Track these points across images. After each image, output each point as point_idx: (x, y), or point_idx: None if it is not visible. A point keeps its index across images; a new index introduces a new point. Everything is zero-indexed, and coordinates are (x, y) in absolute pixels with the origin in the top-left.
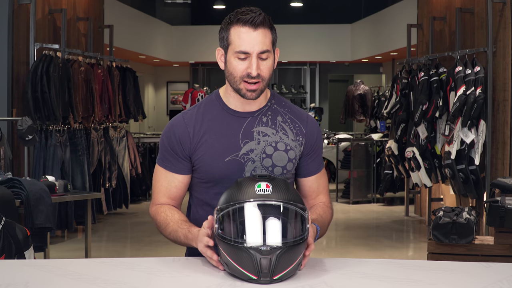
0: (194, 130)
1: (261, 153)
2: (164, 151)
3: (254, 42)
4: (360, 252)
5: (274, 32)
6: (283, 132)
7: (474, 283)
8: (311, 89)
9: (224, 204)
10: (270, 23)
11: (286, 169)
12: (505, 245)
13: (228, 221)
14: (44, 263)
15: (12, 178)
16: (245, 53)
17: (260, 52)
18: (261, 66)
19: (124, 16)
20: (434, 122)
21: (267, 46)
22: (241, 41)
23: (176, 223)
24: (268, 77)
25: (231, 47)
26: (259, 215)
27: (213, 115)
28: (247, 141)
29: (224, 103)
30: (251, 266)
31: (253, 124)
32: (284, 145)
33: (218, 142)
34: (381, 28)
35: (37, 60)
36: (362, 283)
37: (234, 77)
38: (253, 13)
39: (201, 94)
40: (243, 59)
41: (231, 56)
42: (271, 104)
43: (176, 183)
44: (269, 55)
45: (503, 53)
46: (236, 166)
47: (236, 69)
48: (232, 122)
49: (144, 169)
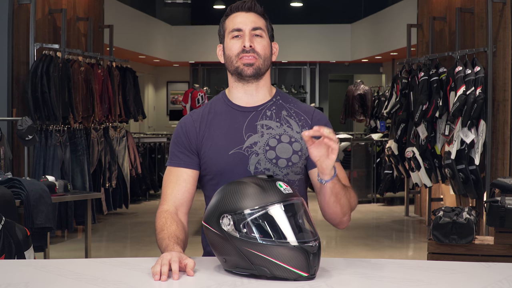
0: (200, 125)
1: (264, 145)
2: (173, 149)
3: (246, 20)
4: (360, 252)
5: (268, 22)
6: (287, 125)
7: (474, 283)
8: (311, 89)
9: (254, 207)
10: (263, 11)
11: (291, 161)
12: (505, 245)
13: (265, 223)
14: (44, 263)
15: (12, 178)
16: (238, 30)
17: (253, 29)
18: (254, 42)
19: (124, 16)
20: (434, 122)
21: (260, 25)
22: (234, 22)
23: (168, 234)
24: (263, 55)
25: (227, 32)
26: (293, 213)
27: (218, 111)
28: (250, 134)
29: (229, 99)
30: (303, 263)
31: (257, 118)
32: (288, 137)
33: (223, 135)
34: (381, 28)
35: (37, 60)
36: (362, 283)
37: (231, 58)
38: (244, 1)
39: (201, 94)
40: (237, 37)
41: (227, 40)
42: (276, 99)
43: (185, 176)
44: (263, 34)
45: (503, 53)
46: (240, 159)
47: (232, 49)
48: (236, 116)
49: (144, 169)
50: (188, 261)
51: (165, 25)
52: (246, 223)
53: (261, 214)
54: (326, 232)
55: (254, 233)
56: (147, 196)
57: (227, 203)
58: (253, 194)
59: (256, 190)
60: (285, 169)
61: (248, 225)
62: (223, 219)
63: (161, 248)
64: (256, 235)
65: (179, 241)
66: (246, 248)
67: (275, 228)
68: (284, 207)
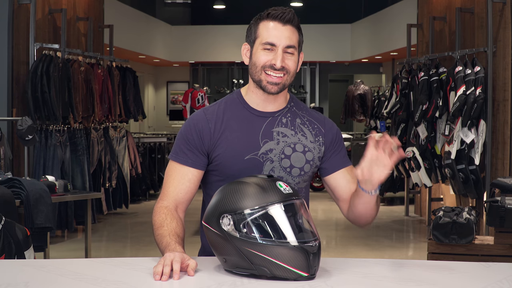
0: (215, 126)
1: (280, 153)
2: (181, 145)
3: (282, 36)
4: (360, 252)
5: (301, 34)
6: (301, 133)
7: (474, 283)
8: (311, 89)
9: (255, 207)
10: (299, 24)
11: (304, 170)
12: (505, 245)
13: (265, 223)
14: (44, 263)
15: (12, 178)
16: (271, 44)
17: (287, 46)
18: (286, 59)
19: (124, 16)
20: (434, 122)
21: (294, 42)
22: (269, 34)
23: (168, 230)
24: (293, 71)
25: (259, 40)
26: (293, 213)
27: (234, 113)
28: (266, 140)
29: (246, 102)
30: (303, 263)
31: (273, 124)
32: (302, 146)
33: (239, 140)
34: (381, 28)
35: (37, 60)
36: (362, 283)
37: (256, 67)
38: (283, 10)
39: (201, 94)
40: (269, 49)
41: (257, 48)
42: (291, 106)
43: (190, 176)
44: (295, 52)
45: (503, 53)
46: (255, 165)
47: (260, 59)
48: (252, 121)
49: (144, 169)
50: (191, 261)
51: (165, 25)
52: (246, 223)
53: (261, 214)
54: (326, 232)
55: (254, 233)
56: (147, 196)
57: (227, 203)
58: (253, 194)
59: (256, 190)
60: (297, 177)
61: (248, 225)
62: (223, 219)
63: (161, 244)
64: (256, 235)
65: (179, 240)
66: (246, 248)
67: (275, 228)
68: (284, 207)
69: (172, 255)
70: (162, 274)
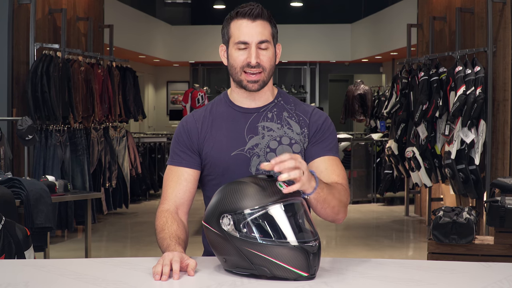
0: (202, 126)
1: (265, 147)
2: (174, 148)
3: (253, 32)
4: (360, 252)
5: (274, 26)
6: (287, 126)
7: (474, 283)
8: (311, 89)
9: (255, 207)
10: (269, 16)
11: None
12: (505, 245)
13: (265, 223)
14: (44, 263)
15: (12, 178)
16: (244, 43)
17: (259, 42)
18: (260, 55)
19: (124, 16)
20: (434, 122)
21: (266, 37)
22: (240, 32)
23: (169, 233)
24: (269, 67)
25: (232, 40)
26: (293, 213)
27: (220, 112)
28: (252, 135)
29: (230, 100)
30: (303, 263)
31: (258, 119)
32: (288, 139)
33: (225, 137)
34: (381, 28)
35: (37, 60)
36: (362, 283)
37: (235, 69)
38: (251, 6)
39: (201, 94)
40: (243, 49)
41: (232, 49)
42: (278, 101)
43: (186, 176)
44: (269, 46)
45: (503, 53)
46: (243, 160)
47: (237, 60)
48: (237, 118)
49: (144, 169)
50: (190, 261)
51: (165, 25)
52: (246, 223)
53: (261, 214)
54: (326, 232)
55: (254, 233)
56: (147, 196)
57: (227, 203)
58: (253, 194)
59: (256, 190)
60: None
61: (248, 225)
62: (223, 219)
63: (162, 248)
64: (256, 235)
65: (180, 241)
66: (246, 248)
67: (275, 228)
68: (284, 207)
69: (171, 255)
70: (161, 274)
